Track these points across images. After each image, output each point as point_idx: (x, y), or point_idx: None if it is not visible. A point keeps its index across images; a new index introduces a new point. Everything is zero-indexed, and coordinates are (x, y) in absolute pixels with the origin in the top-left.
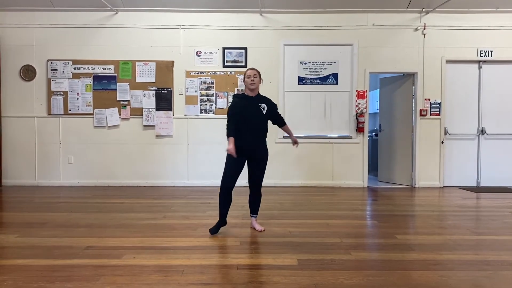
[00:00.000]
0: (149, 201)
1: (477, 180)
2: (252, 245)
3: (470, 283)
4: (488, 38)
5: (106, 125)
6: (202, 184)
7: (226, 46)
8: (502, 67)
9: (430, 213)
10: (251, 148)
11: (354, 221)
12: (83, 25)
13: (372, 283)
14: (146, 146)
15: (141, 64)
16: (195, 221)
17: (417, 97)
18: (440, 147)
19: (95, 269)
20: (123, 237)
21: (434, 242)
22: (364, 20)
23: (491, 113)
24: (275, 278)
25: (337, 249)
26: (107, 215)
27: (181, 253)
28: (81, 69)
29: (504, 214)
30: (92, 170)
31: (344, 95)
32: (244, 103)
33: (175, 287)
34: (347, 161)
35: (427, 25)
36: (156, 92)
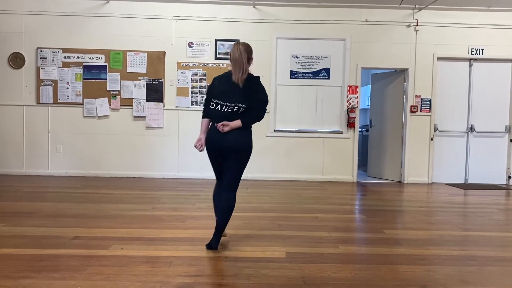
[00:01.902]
0: (138, 192)
1: (465, 177)
2: (241, 238)
3: (456, 278)
4: (479, 36)
5: (95, 115)
6: (192, 177)
7: (218, 38)
8: (492, 65)
9: (418, 208)
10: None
11: (343, 216)
12: (74, 14)
13: (360, 277)
14: (136, 137)
15: (132, 54)
16: (184, 213)
17: (408, 94)
18: (430, 143)
19: (82, 259)
20: (111, 228)
21: (422, 237)
22: (357, 15)
23: (481, 111)
24: (263, 270)
25: (326, 242)
26: (96, 205)
27: (169, 245)
28: (71, 58)
29: (490, 211)
30: (81, 160)
31: (335, 90)
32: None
33: (163, 278)
34: (337, 156)
35: (419, 22)
36: (147, 83)
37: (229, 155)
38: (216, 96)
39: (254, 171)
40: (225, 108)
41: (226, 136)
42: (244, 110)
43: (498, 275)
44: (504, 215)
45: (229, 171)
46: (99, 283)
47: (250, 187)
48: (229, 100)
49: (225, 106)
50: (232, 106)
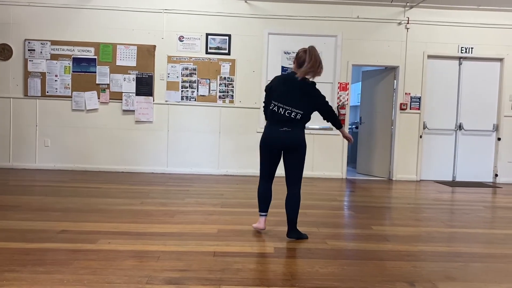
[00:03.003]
0: (127, 187)
1: (453, 174)
2: (230, 233)
3: (442, 274)
4: (469, 35)
5: (84, 109)
6: (181, 172)
7: (209, 32)
8: (481, 64)
9: (406, 205)
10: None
11: (332, 212)
12: (63, 5)
13: (347, 272)
14: (125, 131)
15: (122, 48)
16: (173, 208)
17: (398, 91)
18: (419, 141)
19: (69, 254)
20: (98, 222)
21: (409, 234)
22: (349, 12)
23: (469, 109)
24: (251, 265)
25: (314, 238)
26: (83, 199)
27: (157, 239)
28: (60, 50)
29: (477, 208)
30: (69, 154)
31: (326, 86)
32: None
33: (150, 272)
34: (327, 152)
35: (410, 20)
36: (137, 77)
37: (291, 153)
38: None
39: (244, 167)
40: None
41: (289, 135)
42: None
43: (482, 271)
44: (490, 213)
45: (294, 168)
46: (86, 277)
47: (240, 183)
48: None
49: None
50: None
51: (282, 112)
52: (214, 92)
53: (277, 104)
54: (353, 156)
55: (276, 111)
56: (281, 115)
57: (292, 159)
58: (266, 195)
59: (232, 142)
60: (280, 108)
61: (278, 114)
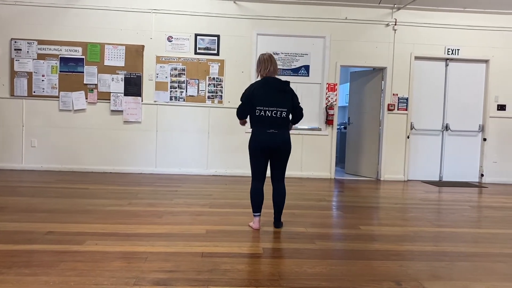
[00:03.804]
0: (115, 187)
1: (440, 174)
2: (218, 233)
3: (428, 273)
4: (455, 37)
5: (72, 109)
6: (170, 172)
7: (198, 33)
8: (467, 65)
9: (393, 205)
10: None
11: (320, 212)
12: (51, 4)
13: (335, 272)
14: (113, 132)
15: (110, 47)
16: (161, 209)
17: (385, 92)
18: (406, 141)
19: (55, 255)
20: (86, 223)
21: (396, 233)
22: (337, 13)
23: (456, 110)
24: (239, 266)
25: (302, 238)
26: (71, 200)
27: (145, 240)
28: (47, 50)
29: (463, 208)
30: (56, 154)
31: (315, 87)
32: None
33: (138, 274)
34: (315, 152)
35: (398, 21)
36: (125, 77)
37: (281, 154)
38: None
39: (232, 167)
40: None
41: (280, 136)
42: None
43: (468, 270)
44: (476, 212)
45: (281, 167)
46: (72, 279)
47: (229, 183)
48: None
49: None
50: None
51: (269, 114)
52: (203, 92)
53: (262, 108)
54: (342, 157)
55: (263, 115)
56: (269, 117)
57: (281, 159)
58: (260, 196)
59: (221, 142)
60: (267, 111)
61: (266, 117)
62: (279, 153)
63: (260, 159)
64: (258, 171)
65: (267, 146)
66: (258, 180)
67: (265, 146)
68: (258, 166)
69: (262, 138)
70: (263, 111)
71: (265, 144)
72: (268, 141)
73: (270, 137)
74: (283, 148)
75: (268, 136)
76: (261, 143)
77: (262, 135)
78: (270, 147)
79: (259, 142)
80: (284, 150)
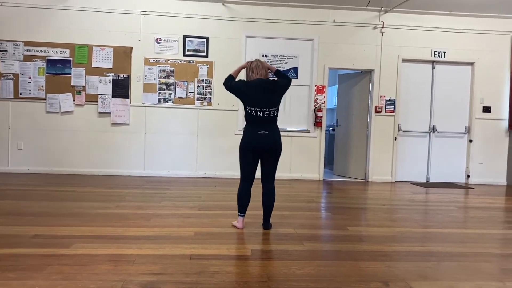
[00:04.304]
0: (103, 190)
1: (427, 175)
2: (207, 235)
3: (415, 273)
4: (441, 40)
5: (59, 111)
6: (159, 174)
7: (187, 35)
8: (453, 68)
9: (381, 206)
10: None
11: (309, 213)
12: (37, 6)
13: (323, 272)
14: (101, 134)
15: (97, 49)
16: (149, 211)
17: (373, 94)
18: (393, 143)
19: (42, 259)
20: (73, 226)
21: (384, 234)
22: (325, 16)
23: (442, 112)
24: (228, 268)
25: (291, 239)
26: (58, 203)
27: (133, 243)
28: (34, 52)
29: (449, 208)
30: (43, 157)
31: (303, 89)
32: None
33: (125, 277)
34: (304, 154)
35: (385, 24)
36: (113, 79)
37: (271, 154)
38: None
39: (222, 169)
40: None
41: (271, 137)
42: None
43: (454, 270)
44: (462, 213)
45: (271, 167)
46: (58, 282)
47: (218, 185)
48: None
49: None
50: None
51: (260, 115)
52: (192, 94)
53: (254, 109)
54: (330, 158)
55: (255, 115)
56: (260, 117)
57: (271, 160)
58: (248, 196)
59: (210, 144)
60: (258, 112)
61: (258, 117)
62: (270, 154)
63: (250, 159)
64: (247, 171)
65: (258, 147)
66: (247, 181)
67: (256, 147)
68: (248, 166)
69: (253, 139)
70: (254, 111)
71: (256, 145)
72: (259, 142)
73: (261, 138)
74: (274, 149)
75: (259, 137)
76: (252, 143)
77: (253, 136)
78: (261, 148)
79: (250, 143)
80: (275, 151)
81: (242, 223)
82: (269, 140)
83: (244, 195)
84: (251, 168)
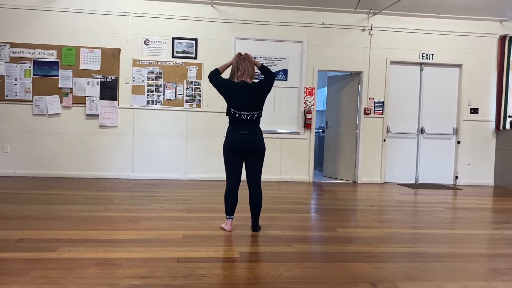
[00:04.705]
0: (90, 193)
1: (415, 177)
2: (195, 238)
3: (403, 274)
4: (429, 42)
5: (46, 113)
6: (147, 177)
7: (176, 36)
8: (441, 70)
9: (370, 207)
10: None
11: (298, 215)
12: (24, 7)
13: (311, 274)
14: (89, 136)
15: (85, 51)
16: (137, 214)
17: (362, 96)
18: (382, 144)
19: (26, 263)
20: (59, 230)
21: (372, 235)
22: (314, 18)
23: (430, 113)
24: (215, 270)
25: (279, 241)
26: (44, 207)
27: (120, 246)
28: (20, 53)
29: (437, 209)
30: (30, 160)
31: (293, 91)
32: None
33: (111, 280)
34: (294, 156)
35: (374, 27)
36: (101, 81)
37: (254, 154)
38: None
39: (211, 171)
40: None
41: (254, 137)
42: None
43: (442, 270)
44: (450, 214)
45: (256, 168)
46: (43, 287)
47: (207, 187)
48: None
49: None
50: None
51: (244, 118)
52: (180, 96)
53: (237, 112)
54: (320, 160)
55: (238, 117)
56: (244, 120)
57: (256, 161)
58: (234, 199)
59: (200, 146)
60: (242, 115)
61: (241, 119)
62: (254, 154)
63: (234, 160)
64: (232, 173)
65: (242, 147)
66: (233, 182)
67: (240, 147)
68: (233, 168)
69: (236, 139)
70: (237, 114)
71: (239, 145)
72: (242, 142)
73: (244, 139)
74: (257, 149)
75: (242, 137)
76: (235, 144)
77: (236, 136)
78: (245, 148)
79: (234, 144)
80: (258, 151)
81: (230, 226)
82: (252, 140)
83: (231, 197)
84: (236, 170)
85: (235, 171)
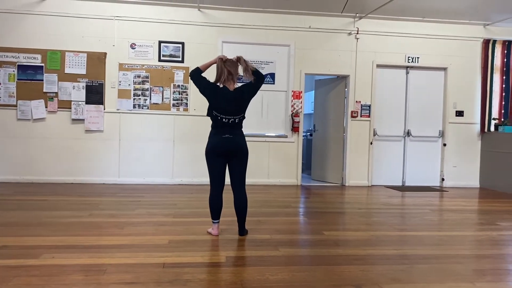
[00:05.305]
0: (76, 198)
1: (402, 179)
2: (181, 243)
3: (389, 276)
4: (415, 45)
5: (31, 118)
6: (134, 182)
7: (162, 40)
8: (427, 73)
9: (357, 210)
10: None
11: (285, 218)
12: (7, 10)
13: (297, 278)
14: (74, 141)
15: (71, 55)
16: (123, 219)
17: (349, 99)
18: (369, 147)
19: (8, 270)
20: (43, 236)
21: (359, 238)
22: (301, 22)
23: (416, 116)
24: (201, 275)
25: (266, 245)
26: (28, 213)
27: (105, 252)
28: (4, 57)
29: (424, 212)
30: (14, 165)
31: (280, 95)
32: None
33: (96, 286)
34: (282, 159)
35: (360, 30)
36: (87, 85)
37: (237, 158)
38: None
39: (199, 176)
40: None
41: (235, 141)
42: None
43: (427, 272)
44: (436, 216)
45: (242, 172)
46: None
47: (194, 192)
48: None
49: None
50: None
51: (225, 121)
52: (167, 100)
53: (219, 115)
54: (308, 163)
55: (220, 120)
56: (226, 123)
57: (240, 164)
58: (219, 202)
59: (187, 150)
60: (224, 119)
61: (223, 122)
62: (236, 157)
63: (217, 164)
64: (216, 176)
65: (224, 150)
66: (217, 186)
67: (222, 150)
68: (216, 171)
69: (218, 142)
70: (220, 117)
71: (221, 148)
72: (224, 145)
73: (226, 142)
74: (240, 152)
75: (224, 140)
76: (216, 147)
77: (218, 139)
78: (227, 151)
79: (215, 147)
80: (241, 154)
81: (217, 230)
82: (234, 143)
83: (216, 201)
84: (219, 173)
85: (219, 174)
